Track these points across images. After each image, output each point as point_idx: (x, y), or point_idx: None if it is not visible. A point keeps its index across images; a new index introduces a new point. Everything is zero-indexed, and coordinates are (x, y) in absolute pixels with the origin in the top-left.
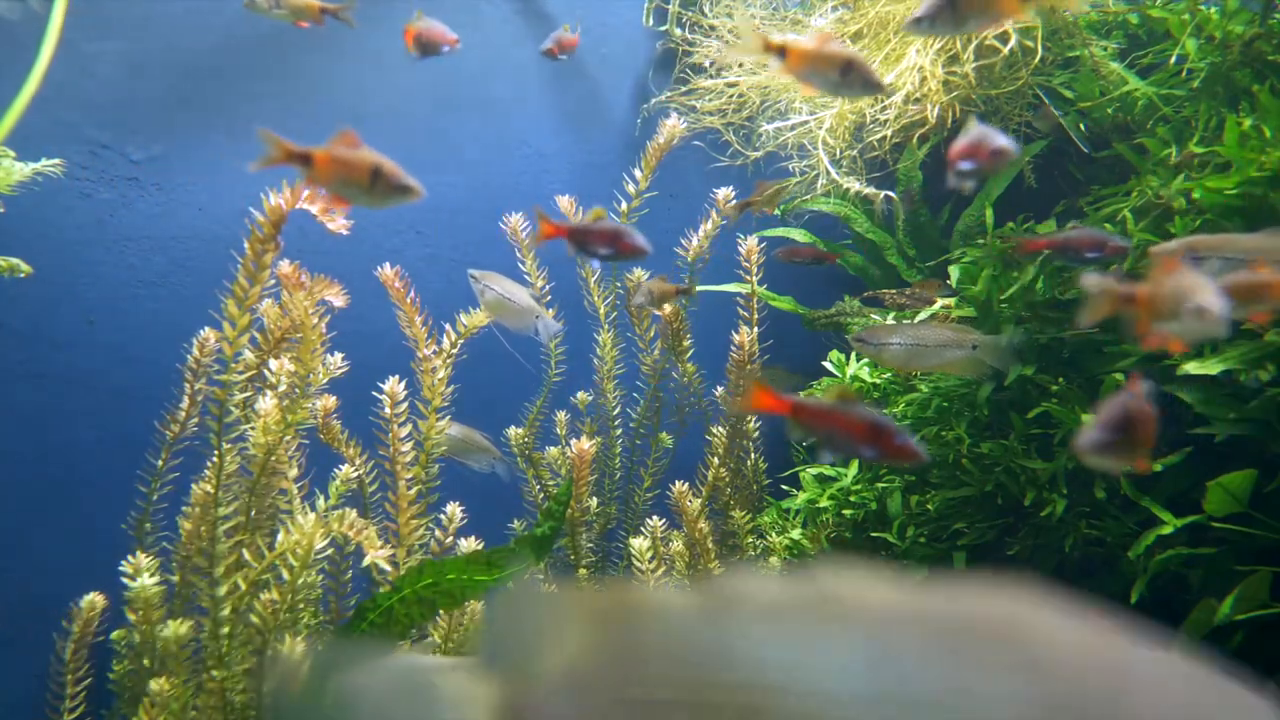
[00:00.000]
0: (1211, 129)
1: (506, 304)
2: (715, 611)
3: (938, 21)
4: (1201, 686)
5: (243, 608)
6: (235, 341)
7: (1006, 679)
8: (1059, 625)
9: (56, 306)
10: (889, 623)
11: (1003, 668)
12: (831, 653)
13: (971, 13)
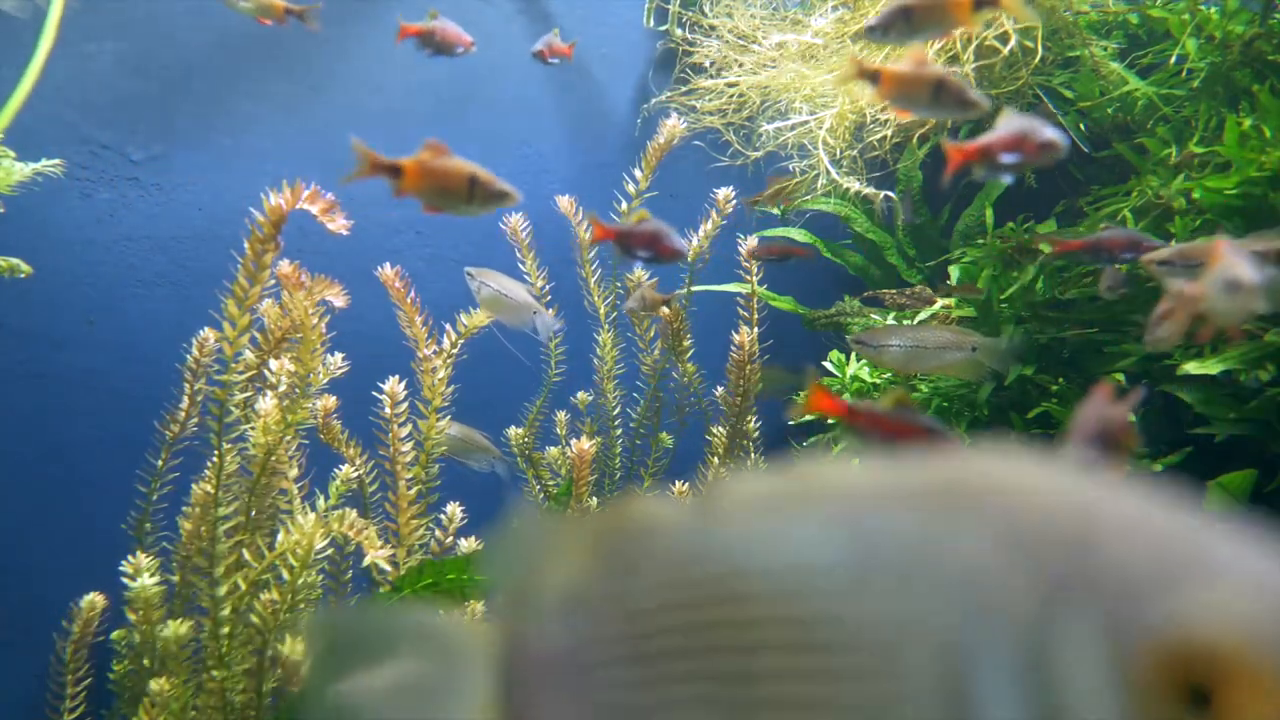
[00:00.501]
0: (1211, 129)
1: (503, 300)
2: (704, 512)
3: (891, 31)
4: (1175, 534)
5: (243, 608)
6: (235, 341)
7: (975, 531)
8: (1033, 476)
9: (56, 306)
10: (867, 494)
11: (972, 520)
12: (810, 529)
13: (925, 23)
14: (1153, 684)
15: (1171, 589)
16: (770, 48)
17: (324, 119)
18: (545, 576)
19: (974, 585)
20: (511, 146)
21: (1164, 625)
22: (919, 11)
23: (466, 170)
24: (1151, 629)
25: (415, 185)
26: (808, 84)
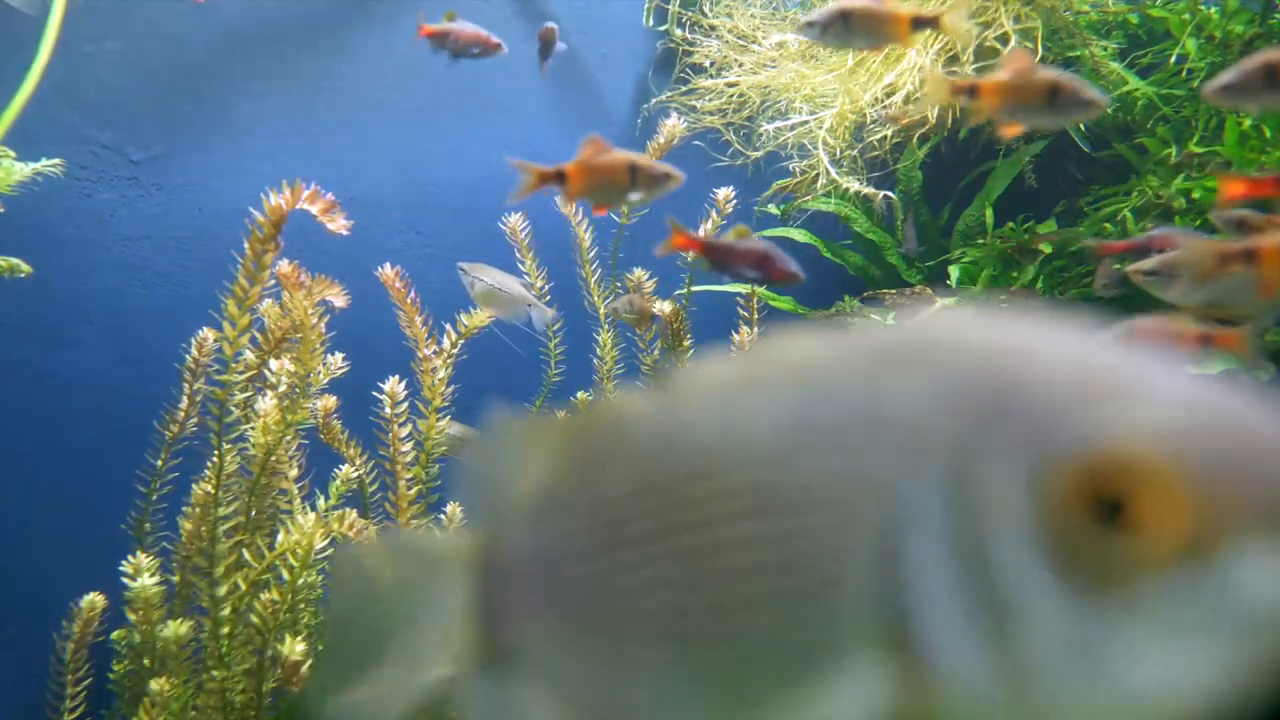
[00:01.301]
0: (1211, 129)
1: (497, 295)
2: (664, 400)
3: (828, 31)
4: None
5: (243, 608)
6: (235, 341)
7: (909, 383)
8: (969, 326)
9: (56, 306)
10: (812, 361)
11: (907, 374)
12: (758, 400)
13: (863, 30)
14: (1065, 501)
15: (1084, 410)
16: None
17: (324, 119)
18: (518, 481)
19: (906, 432)
20: (511, 146)
21: (1074, 442)
22: (858, 17)
23: (625, 160)
24: (1063, 447)
25: (581, 186)
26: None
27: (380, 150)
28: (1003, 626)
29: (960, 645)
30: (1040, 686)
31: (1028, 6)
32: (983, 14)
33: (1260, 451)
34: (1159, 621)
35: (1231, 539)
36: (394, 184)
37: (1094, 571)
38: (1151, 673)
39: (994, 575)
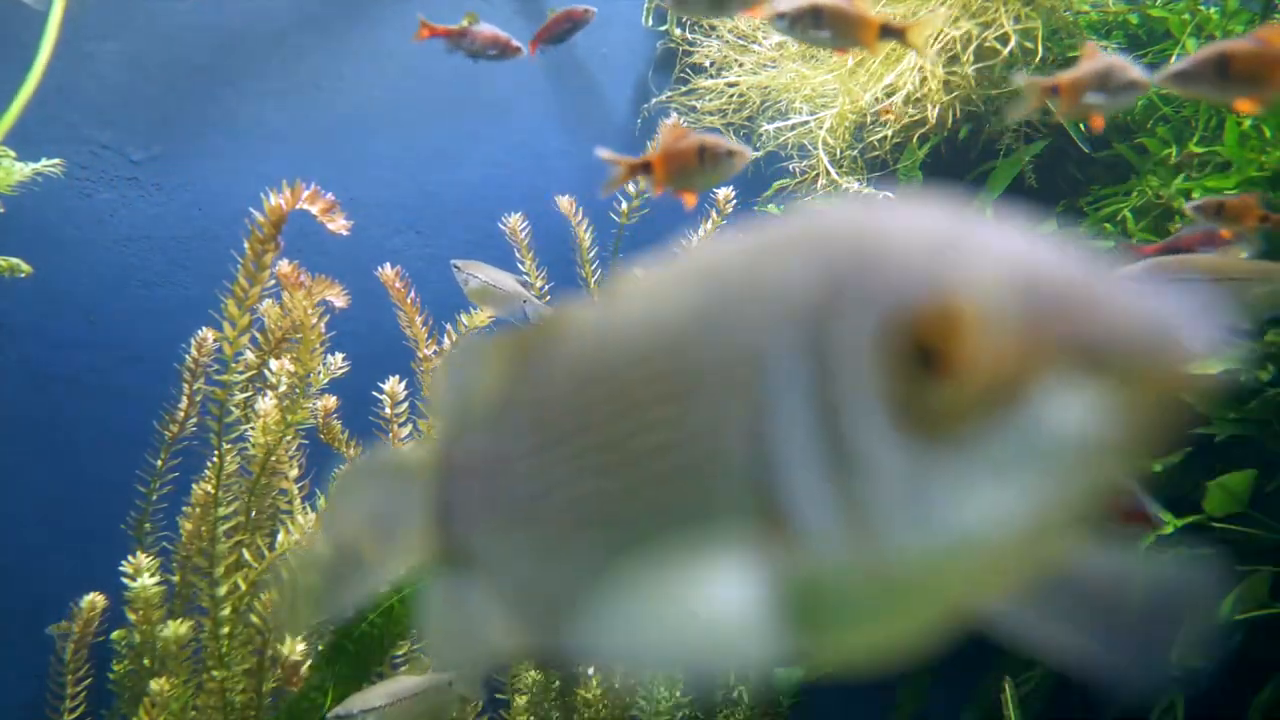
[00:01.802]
0: (1211, 129)
1: (492, 291)
2: (597, 307)
3: (796, 25)
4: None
5: (243, 608)
6: (235, 341)
7: (791, 261)
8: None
9: (56, 306)
10: (718, 256)
11: (792, 254)
12: (672, 293)
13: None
14: (895, 351)
15: (916, 267)
16: (770, 48)
17: (324, 119)
18: (476, 392)
19: (776, 304)
20: (511, 146)
21: (901, 296)
22: (829, 15)
23: (695, 142)
24: (893, 301)
25: (665, 173)
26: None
27: (380, 150)
28: (851, 480)
29: (816, 503)
30: (883, 535)
31: (1028, 7)
32: (983, 14)
33: (1069, 297)
34: (981, 462)
35: (1040, 379)
36: (394, 184)
37: (924, 419)
38: (976, 511)
39: (843, 430)
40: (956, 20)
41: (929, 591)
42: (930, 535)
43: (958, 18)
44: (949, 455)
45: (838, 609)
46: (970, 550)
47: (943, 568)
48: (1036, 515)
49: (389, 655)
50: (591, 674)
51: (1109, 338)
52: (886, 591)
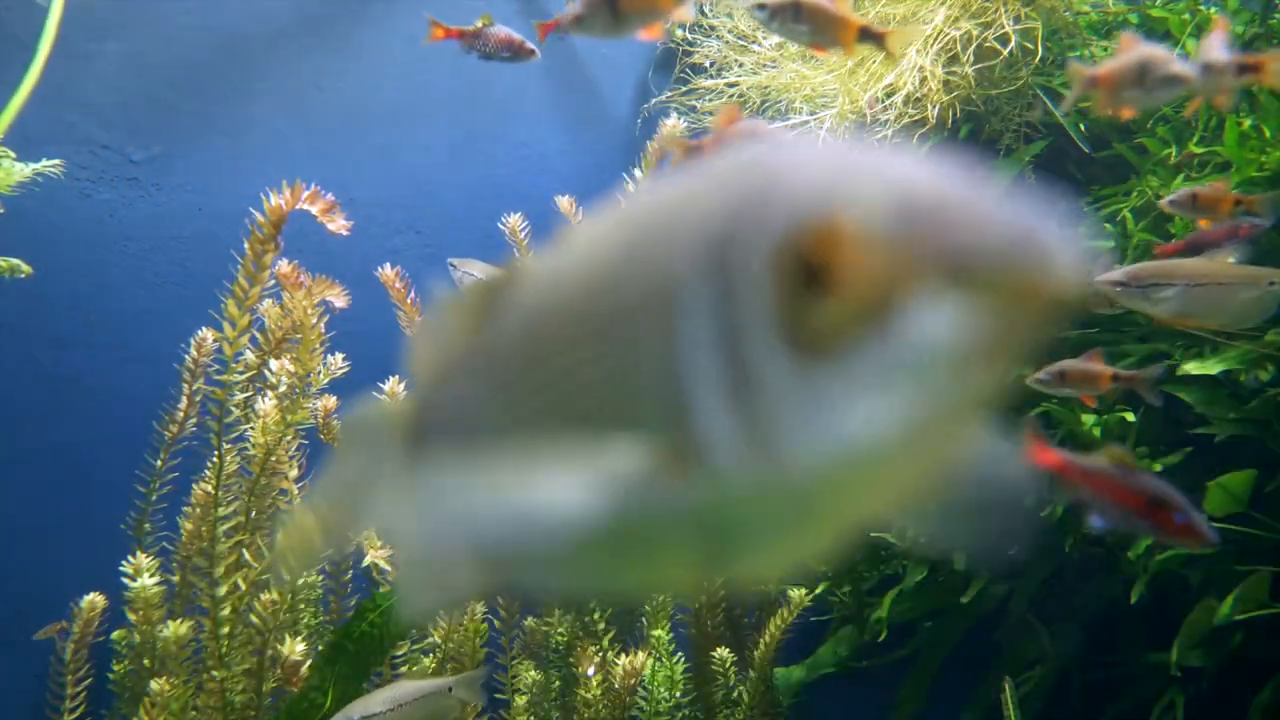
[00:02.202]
0: (1211, 129)
1: None
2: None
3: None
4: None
5: (243, 608)
6: (235, 341)
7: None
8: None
9: (56, 306)
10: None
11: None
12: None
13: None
14: (784, 271)
15: (804, 193)
16: (770, 48)
17: (324, 119)
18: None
19: (692, 234)
20: (511, 147)
21: (791, 218)
22: (808, 11)
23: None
24: (782, 223)
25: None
26: (808, 84)
27: (380, 150)
28: (748, 398)
29: (718, 421)
30: (778, 449)
31: (1028, 7)
32: (983, 14)
33: (939, 213)
34: (865, 374)
35: (913, 291)
36: (394, 184)
37: (812, 336)
38: (863, 422)
39: (741, 350)
40: (956, 20)
41: (825, 502)
42: (821, 446)
43: (958, 18)
44: (836, 370)
45: (744, 524)
46: (859, 459)
47: (835, 477)
48: (917, 422)
49: (389, 655)
50: (591, 674)
51: (976, 249)
52: (786, 504)
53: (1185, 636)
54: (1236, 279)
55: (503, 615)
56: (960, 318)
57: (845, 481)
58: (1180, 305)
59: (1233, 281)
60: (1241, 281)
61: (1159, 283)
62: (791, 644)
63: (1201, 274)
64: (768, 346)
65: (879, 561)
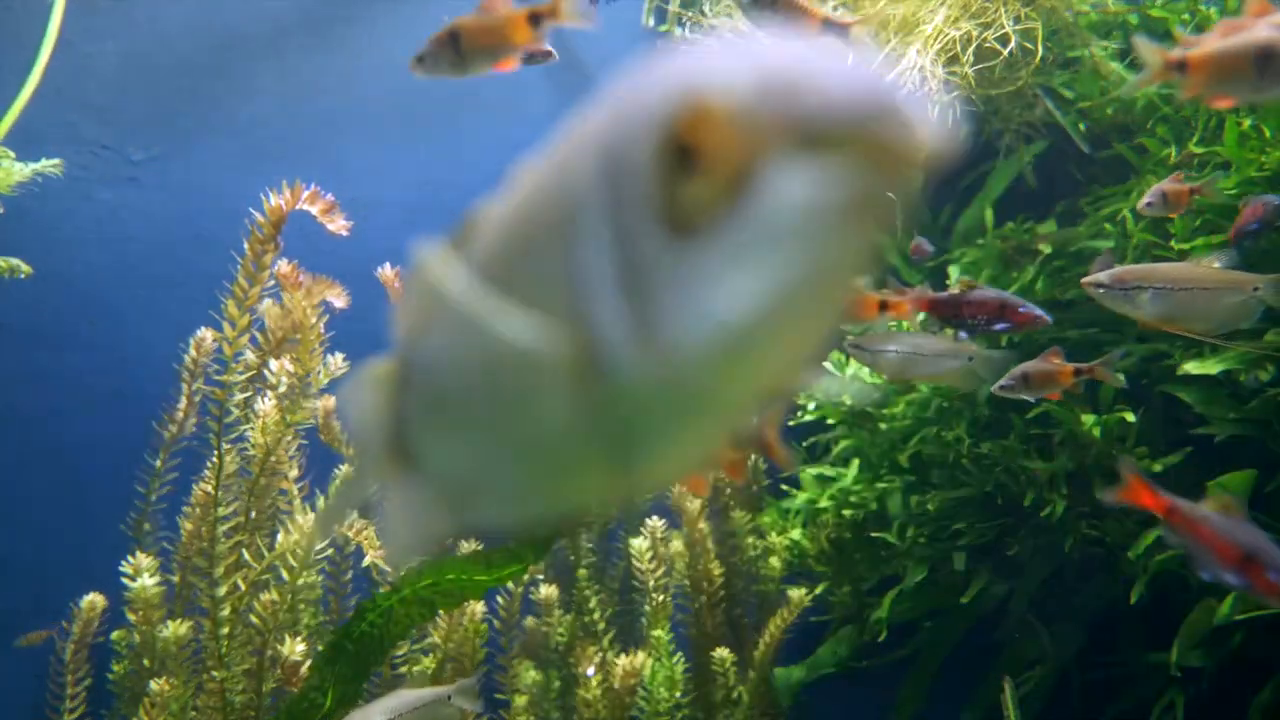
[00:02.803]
0: (1211, 129)
1: None
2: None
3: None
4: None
5: (243, 608)
6: (235, 342)
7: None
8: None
9: (56, 306)
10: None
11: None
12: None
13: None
14: (658, 156)
15: (677, 81)
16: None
17: (323, 119)
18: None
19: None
20: (511, 147)
21: (665, 105)
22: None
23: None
24: (660, 112)
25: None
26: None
27: (380, 150)
28: (636, 287)
29: (611, 312)
30: (665, 335)
31: (1028, 7)
32: (983, 14)
33: (795, 83)
34: (734, 248)
35: (771, 159)
36: (394, 184)
37: (685, 215)
38: (736, 297)
39: (629, 242)
40: (956, 20)
41: (715, 384)
42: (702, 326)
43: (958, 18)
44: (710, 248)
45: (645, 420)
46: (739, 334)
47: (719, 356)
48: (791, 290)
49: (389, 655)
50: (591, 674)
51: (824, 112)
52: (680, 391)
53: (1185, 636)
54: (1221, 284)
55: (503, 615)
56: (819, 180)
57: (730, 359)
58: (1163, 308)
59: (1217, 286)
60: (1226, 286)
61: (1142, 285)
62: (791, 644)
63: (1185, 278)
64: (650, 233)
65: (879, 561)
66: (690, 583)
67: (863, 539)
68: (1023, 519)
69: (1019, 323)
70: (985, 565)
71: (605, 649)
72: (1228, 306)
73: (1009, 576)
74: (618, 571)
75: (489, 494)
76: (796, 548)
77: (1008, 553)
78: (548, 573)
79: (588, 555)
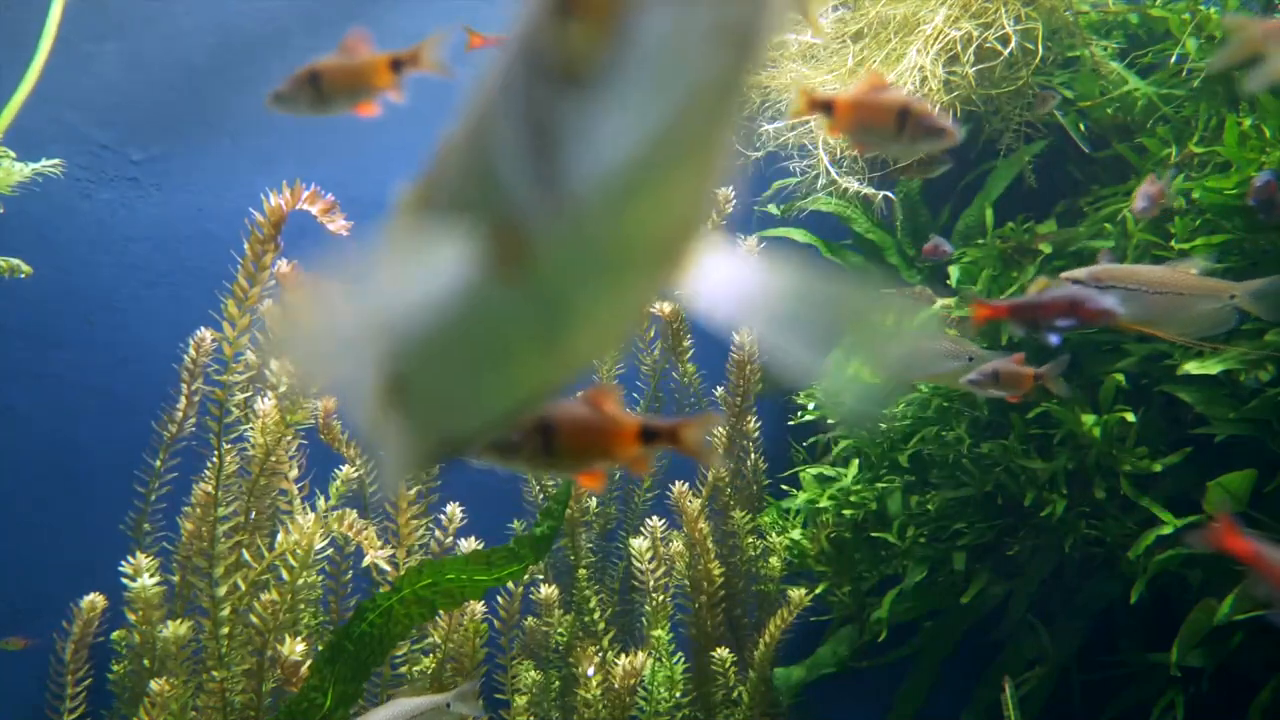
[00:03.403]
0: (1211, 129)
1: None
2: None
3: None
4: None
5: (243, 608)
6: (235, 342)
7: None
8: None
9: (56, 306)
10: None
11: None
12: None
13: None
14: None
15: None
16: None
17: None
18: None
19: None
20: None
21: None
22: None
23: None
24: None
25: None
26: (808, 84)
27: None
28: (543, 148)
29: (525, 178)
30: (565, 186)
31: (1028, 7)
32: (983, 14)
33: None
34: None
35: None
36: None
37: (572, 66)
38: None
39: (531, 109)
40: (957, 20)
41: (620, 233)
42: (598, 172)
43: (958, 18)
44: (600, 95)
45: (568, 286)
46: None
47: (617, 200)
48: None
49: (389, 655)
50: (591, 674)
51: None
52: (591, 247)
53: (1185, 636)
54: (1197, 290)
55: (503, 615)
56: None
57: (627, 200)
58: (1136, 310)
59: (1193, 292)
60: (1202, 293)
61: (1115, 286)
62: (791, 644)
63: (1162, 281)
64: (550, 92)
65: (879, 561)
66: (690, 583)
67: (863, 539)
68: (1023, 519)
69: (1088, 318)
70: (985, 565)
71: (605, 649)
72: (1203, 312)
73: (1009, 576)
74: (618, 571)
75: (457, 405)
76: (796, 548)
77: (1008, 553)
78: (548, 573)
79: (588, 555)
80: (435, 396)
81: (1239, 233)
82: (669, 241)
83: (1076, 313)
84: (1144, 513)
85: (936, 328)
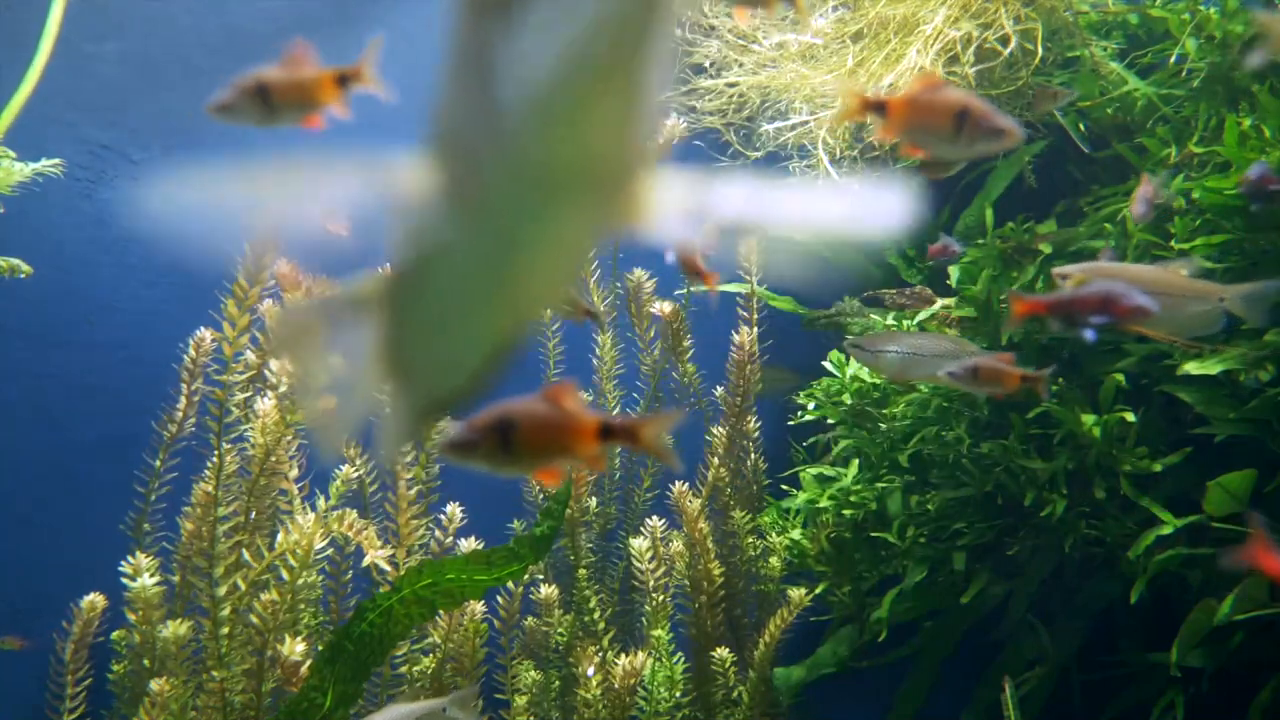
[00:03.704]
0: (1211, 129)
1: None
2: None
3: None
4: None
5: (243, 608)
6: (235, 342)
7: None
8: None
9: (56, 306)
10: None
11: None
12: None
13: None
14: None
15: None
16: (770, 48)
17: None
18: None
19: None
20: None
21: None
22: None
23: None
24: None
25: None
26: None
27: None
28: (486, 81)
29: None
30: (500, 109)
31: (1028, 7)
32: (983, 15)
33: None
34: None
35: None
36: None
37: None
38: (540, 57)
39: (470, 39)
40: (956, 21)
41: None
42: (525, 92)
43: (958, 18)
44: (526, 18)
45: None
46: (554, 90)
47: (544, 116)
48: (594, 43)
49: (389, 655)
50: (591, 674)
51: None
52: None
53: (1185, 636)
54: (1187, 291)
55: (503, 615)
56: None
57: (553, 116)
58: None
59: (1184, 294)
60: (1192, 295)
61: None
62: (791, 644)
63: (1153, 282)
64: (489, 25)
65: (879, 561)
66: (690, 583)
67: (863, 539)
68: (1023, 519)
69: (1123, 314)
70: (985, 565)
71: (605, 649)
72: (1192, 314)
73: (1009, 576)
74: (618, 571)
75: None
76: (796, 548)
77: (1008, 553)
78: (548, 573)
79: (588, 555)
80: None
81: (1239, 233)
82: (601, 165)
83: (1110, 309)
84: (1144, 513)
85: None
